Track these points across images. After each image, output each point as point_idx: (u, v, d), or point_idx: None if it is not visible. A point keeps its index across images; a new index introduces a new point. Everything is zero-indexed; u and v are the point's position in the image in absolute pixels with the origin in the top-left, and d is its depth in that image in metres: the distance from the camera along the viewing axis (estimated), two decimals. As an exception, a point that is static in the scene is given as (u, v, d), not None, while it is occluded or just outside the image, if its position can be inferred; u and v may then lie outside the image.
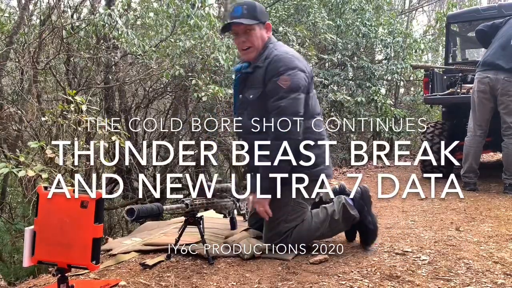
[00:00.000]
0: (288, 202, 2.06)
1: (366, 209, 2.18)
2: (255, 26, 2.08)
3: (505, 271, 1.82)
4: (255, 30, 2.08)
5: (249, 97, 2.11)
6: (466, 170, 3.88)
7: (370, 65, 7.55)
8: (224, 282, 1.73)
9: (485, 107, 3.82)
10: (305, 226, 2.08)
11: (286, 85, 1.99)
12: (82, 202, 1.41)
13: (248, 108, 2.12)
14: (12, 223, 4.73)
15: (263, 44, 2.11)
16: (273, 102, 2.00)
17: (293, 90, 1.99)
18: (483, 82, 3.79)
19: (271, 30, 2.17)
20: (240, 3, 2.13)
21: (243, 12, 2.06)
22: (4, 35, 5.15)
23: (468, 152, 3.86)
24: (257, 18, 2.08)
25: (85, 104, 3.31)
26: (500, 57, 3.73)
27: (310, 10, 6.80)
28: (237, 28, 2.09)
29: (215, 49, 4.70)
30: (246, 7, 2.07)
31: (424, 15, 15.57)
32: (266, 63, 2.05)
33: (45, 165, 3.04)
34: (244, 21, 2.05)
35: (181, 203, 2.00)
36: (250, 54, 2.11)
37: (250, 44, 2.09)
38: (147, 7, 6.43)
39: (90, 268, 1.42)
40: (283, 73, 2.00)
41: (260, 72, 2.07)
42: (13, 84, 5.54)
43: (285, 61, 2.03)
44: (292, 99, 1.98)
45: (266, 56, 2.07)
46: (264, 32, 2.12)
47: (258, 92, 2.07)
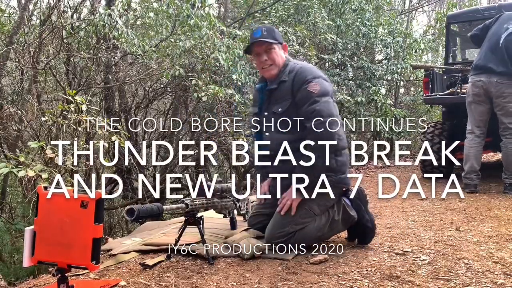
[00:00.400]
0: (304, 205, 2.09)
1: (363, 208, 2.23)
2: (275, 45, 2.21)
3: (505, 271, 1.82)
4: (276, 49, 2.22)
5: (278, 111, 2.18)
6: (467, 171, 3.87)
7: (370, 65, 7.55)
8: (224, 282, 1.73)
9: (482, 109, 3.85)
10: (309, 228, 2.10)
11: (316, 90, 2.07)
12: (82, 202, 1.41)
13: (276, 122, 2.18)
14: (12, 223, 4.73)
15: (283, 62, 2.24)
16: (307, 108, 2.07)
17: (324, 94, 2.07)
18: (476, 86, 3.83)
19: (287, 51, 2.32)
20: (259, 26, 2.30)
21: (263, 34, 2.20)
22: (4, 35, 5.15)
23: (468, 153, 3.86)
24: (276, 38, 2.22)
25: (85, 104, 3.31)
26: (490, 60, 3.76)
27: (310, 10, 6.79)
28: (258, 48, 2.22)
29: (215, 49, 4.69)
30: (266, 29, 2.23)
31: (424, 15, 15.59)
32: (291, 76, 2.16)
33: (45, 165, 3.04)
34: (266, 40, 2.18)
35: (181, 203, 2.00)
36: (272, 71, 2.23)
37: (271, 61, 2.21)
38: (147, 7, 6.42)
39: (90, 268, 1.42)
40: (311, 80, 2.10)
41: (287, 85, 2.16)
42: (13, 84, 5.54)
43: (310, 71, 2.15)
44: (325, 102, 2.05)
45: (290, 70, 2.19)
46: (282, 52, 2.26)
47: (286, 104, 2.16)
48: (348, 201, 2.21)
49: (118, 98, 6.25)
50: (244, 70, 4.98)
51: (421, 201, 3.53)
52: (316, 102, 2.04)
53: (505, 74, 3.69)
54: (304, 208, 2.09)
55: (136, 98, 6.49)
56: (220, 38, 4.77)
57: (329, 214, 2.15)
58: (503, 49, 3.70)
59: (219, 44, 4.67)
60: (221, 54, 4.61)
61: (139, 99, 6.42)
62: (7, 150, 4.53)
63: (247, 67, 5.15)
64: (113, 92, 5.97)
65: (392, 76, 8.09)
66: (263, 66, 2.23)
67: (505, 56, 3.68)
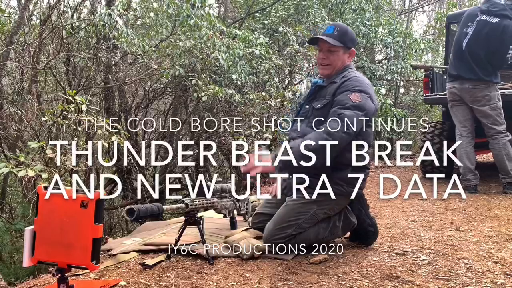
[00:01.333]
0: (310, 210, 2.08)
1: (364, 212, 2.22)
2: (339, 48, 2.16)
3: (505, 271, 1.82)
4: (338, 52, 2.17)
5: (316, 106, 2.15)
6: (463, 172, 3.85)
7: (370, 65, 7.56)
8: (224, 282, 1.73)
9: (463, 108, 3.92)
10: (309, 232, 2.10)
11: (355, 100, 2.01)
12: (82, 202, 1.41)
13: (310, 117, 2.16)
14: (12, 223, 4.73)
15: (342, 66, 2.19)
16: (336, 108, 2.02)
17: (359, 108, 2.00)
18: (452, 92, 3.94)
19: (353, 57, 2.24)
20: (335, 23, 2.24)
21: (333, 33, 2.15)
22: (4, 35, 5.15)
23: (460, 155, 3.84)
24: (344, 42, 2.16)
25: (85, 104, 3.30)
26: (459, 68, 3.83)
27: (310, 10, 6.79)
28: (322, 45, 2.18)
29: (215, 49, 4.69)
30: (339, 29, 2.17)
31: (424, 15, 15.60)
32: (342, 80, 2.12)
33: (45, 165, 3.04)
34: (330, 40, 2.14)
35: (181, 203, 2.00)
36: (326, 71, 2.20)
37: (329, 62, 2.18)
38: (147, 7, 6.42)
39: (90, 268, 1.42)
40: (356, 91, 2.05)
41: (334, 87, 2.13)
42: (13, 84, 5.53)
43: (362, 84, 2.09)
44: (355, 114, 1.98)
45: (344, 76, 2.14)
46: (346, 57, 2.20)
47: (325, 102, 2.12)
48: (349, 206, 2.22)
49: (118, 98, 6.24)
50: (244, 70, 4.98)
51: (421, 201, 3.53)
52: (348, 109, 1.98)
53: (475, 80, 3.74)
54: (310, 213, 2.08)
55: (136, 98, 6.48)
56: (220, 38, 4.76)
57: (330, 219, 2.15)
58: (467, 56, 3.74)
59: (219, 44, 4.67)
60: (221, 54, 4.61)
61: (139, 99, 6.42)
62: (7, 150, 4.53)
63: (247, 67, 5.15)
64: (113, 92, 5.97)
65: (392, 76, 8.09)
66: (321, 63, 2.21)
67: (471, 63, 3.72)
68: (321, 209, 2.09)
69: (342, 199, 2.13)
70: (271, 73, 5.53)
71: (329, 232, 2.14)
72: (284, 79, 7.20)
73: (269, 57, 5.24)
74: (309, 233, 2.09)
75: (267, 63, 5.26)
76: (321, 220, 2.13)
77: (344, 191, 2.09)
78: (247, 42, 5.12)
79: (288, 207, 2.12)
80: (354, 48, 2.22)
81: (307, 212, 2.08)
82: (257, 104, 4.91)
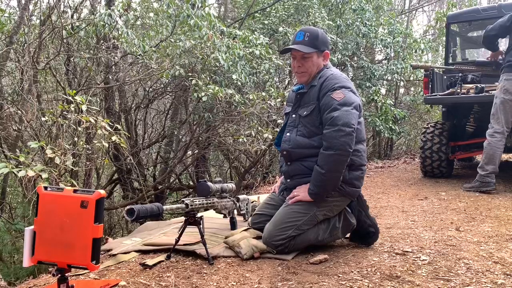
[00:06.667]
0: (310, 211, 2.09)
1: (364, 213, 2.23)
2: (313, 54, 2.17)
3: (505, 271, 1.82)
4: (312, 58, 2.18)
5: (302, 114, 2.18)
6: (490, 171, 3.80)
7: (370, 65, 7.55)
8: (224, 282, 1.73)
9: None
10: (309, 233, 2.10)
11: (339, 98, 2.04)
12: (82, 202, 1.40)
13: (298, 125, 2.19)
14: (12, 223, 4.73)
15: (317, 69, 2.20)
16: (326, 114, 2.05)
17: (346, 104, 2.03)
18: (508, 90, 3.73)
19: (328, 58, 2.25)
20: (304, 29, 2.23)
21: (304, 39, 2.16)
22: (4, 35, 5.14)
23: (494, 154, 3.77)
24: (317, 46, 2.17)
25: (85, 104, 3.30)
26: None
27: (310, 10, 6.79)
28: (295, 53, 2.19)
29: (215, 49, 4.69)
30: (309, 35, 2.17)
31: (424, 15, 15.60)
32: (320, 81, 2.14)
33: (45, 165, 3.04)
34: (303, 48, 2.15)
35: (181, 203, 2.00)
36: (303, 78, 2.21)
37: (304, 69, 2.19)
38: (147, 7, 6.43)
39: (90, 268, 1.42)
40: (337, 88, 2.07)
41: (315, 90, 2.15)
42: (13, 84, 5.53)
43: (340, 80, 2.11)
44: (345, 111, 2.01)
45: (321, 76, 2.16)
46: (321, 60, 2.21)
47: (311, 108, 2.14)
48: (348, 207, 2.22)
49: (118, 98, 6.25)
50: (244, 70, 4.97)
51: (421, 201, 3.53)
52: (336, 110, 2.01)
53: None
54: (310, 215, 2.09)
55: (136, 98, 6.49)
56: (220, 38, 4.76)
57: (329, 221, 2.16)
58: None
59: (219, 44, 4.67)
60: (221, 54, 4.60)
61: (139, 99, 6.42)
62: (7, 150, 4.53)
63: (247, 67, 5.15)
64: (113, 92, 5.97)
65: (392, 76, 8.09)
66: (297, 71, 2.22)
67: None
68: (321, 210, 2.10)
69: (342, 199, 2.14)
70: (271, 73, 5.52)
71: (329, 233, 2.14)
72: (284, 79, 7.20)
73: (269, 57, 5.24)
74: (309, 235, 2.09)
75: (267, 63, 5.26)
76: (321, 221, 2.13)
77: (344, 191, 2.10)
78: (247, 42, 5.12)
79: (288, 208, 2.12)
80: (327, 49, 2.23)
81: (306, 214, 2.08)
82: (257, 104, 4.91)
